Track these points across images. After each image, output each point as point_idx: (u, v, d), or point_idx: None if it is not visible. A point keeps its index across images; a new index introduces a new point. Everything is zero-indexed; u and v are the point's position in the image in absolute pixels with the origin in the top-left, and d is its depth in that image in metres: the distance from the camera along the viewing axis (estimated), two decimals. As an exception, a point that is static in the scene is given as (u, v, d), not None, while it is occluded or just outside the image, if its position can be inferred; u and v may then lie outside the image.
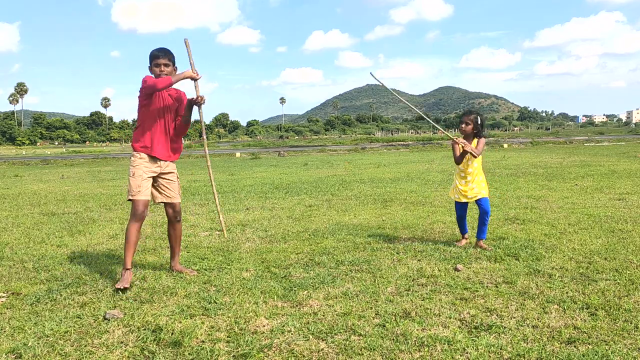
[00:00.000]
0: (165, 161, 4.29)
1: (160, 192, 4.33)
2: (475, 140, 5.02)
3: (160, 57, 4.19)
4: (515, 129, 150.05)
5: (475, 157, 4.91)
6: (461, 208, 5.24)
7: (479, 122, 4.98)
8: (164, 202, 4.36)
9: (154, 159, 4.23)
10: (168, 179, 4.31)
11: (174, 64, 4.26)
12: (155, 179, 4.28)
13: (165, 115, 4.25)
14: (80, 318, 3.33)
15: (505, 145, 33.80)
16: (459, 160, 5.02)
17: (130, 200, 4.14)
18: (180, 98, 4.36)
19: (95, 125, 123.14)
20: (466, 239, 5.25)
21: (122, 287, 3.84)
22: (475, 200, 5.04)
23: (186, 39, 4.14)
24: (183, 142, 4.64)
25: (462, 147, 4.88)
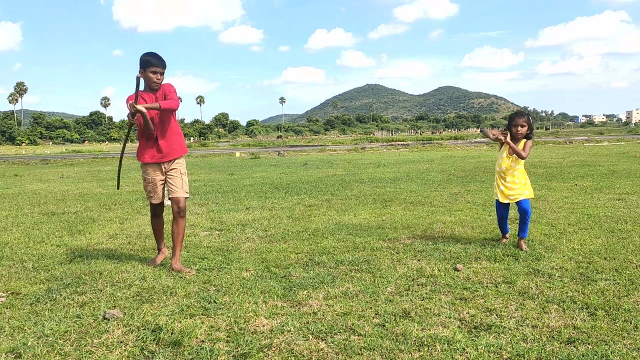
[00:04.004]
0: (169, 161, 4.46)
1: (167, 188, 4.57)
2: (523, 141, 4.85)
3: (159, 65, 4.32)
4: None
5: (523, 159, 4.81)
6: (502, 208, 5.08)
7: (531, 122, 4.85)
8: (170, 197, 4.55)
9: (154, 163, 4.47)
10: (171, 175, 4.51)
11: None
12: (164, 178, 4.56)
13: (153, 121, 4.36)
14: (80, 318, 3.33)
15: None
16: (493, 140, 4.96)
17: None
18: (166, 93, 4.37)
19: (95, 125, 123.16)
20: (507, 238, 5.17)
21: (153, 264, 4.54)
22: (516, 202, 4.94)
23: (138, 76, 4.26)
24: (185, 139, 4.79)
25: (508, 145, 4.78)
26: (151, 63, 4.27)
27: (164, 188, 4.58)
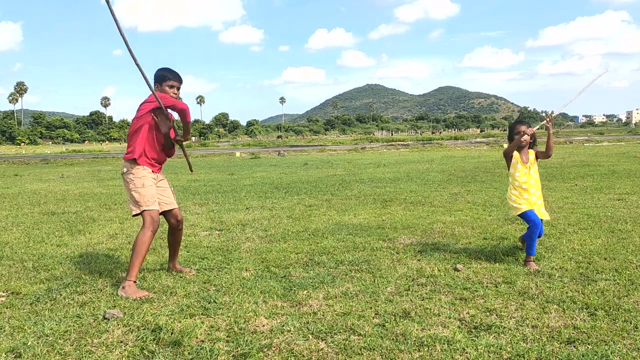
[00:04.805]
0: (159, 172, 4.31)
1: (160, 203, 4.25)
2: (532, 152, 4.59)
3: (175, 80, 4.22)
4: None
5: (549, 156, 4.50)
6: (536, 214, 4.42)
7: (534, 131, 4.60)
8: (165, 210, 4.28)
9: (153, 172, 4.26)
10: (163, 186, 4.29)
11: None
12: None
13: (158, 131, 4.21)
14: (80, 317, 3.33)
15: (505, 145, 33.77)
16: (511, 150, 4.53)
17: (144, 211, 3.98)
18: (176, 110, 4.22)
19: (95, 125, 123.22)
20: (533, 261, 4.35)
21: (138, 297, 3.72)
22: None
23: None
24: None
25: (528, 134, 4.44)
26: (167, 77, 4.17)
27: None
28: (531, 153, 4.59)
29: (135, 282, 3.87)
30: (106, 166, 23.65)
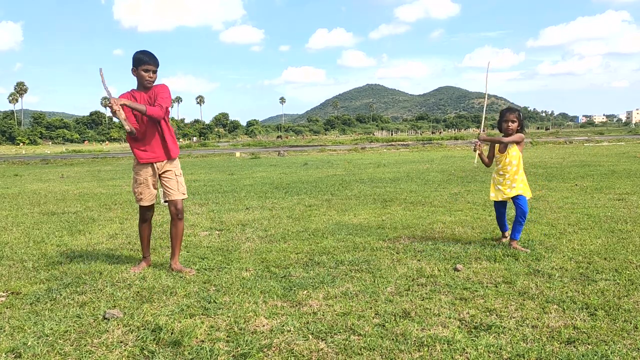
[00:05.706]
0: (161, 162, 4.42)
1: (163, 191, 4.50)
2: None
3: (151, 63, 4.24)
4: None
5: (518, 142, 4.87)
6: (499, 206, 5.18)
7: (522, 118, 4.90)
8: (167, 200, 4.49)
9: (147, 164, 4.39)
10: (167, 177, 4.45)
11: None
12: (159, 179, 4.48)
13: (140, 119, 4.29)
14: (80, 317, 3.34)
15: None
16: (489, 162, 5.11)
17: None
18: (156, 96, 4.27)
19: (95, 125, 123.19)
20: (506, 237, 5.15)
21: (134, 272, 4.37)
22: (513, 198, 4.93)
23: (101, 68, 4.19)
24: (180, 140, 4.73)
25: (481, 143, 5.05)
26: (143, 61, 4.20)
27: (155, 190, 4.47)
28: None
29: (144, 256, 4.63)
30: (106, 166, 23.65)
